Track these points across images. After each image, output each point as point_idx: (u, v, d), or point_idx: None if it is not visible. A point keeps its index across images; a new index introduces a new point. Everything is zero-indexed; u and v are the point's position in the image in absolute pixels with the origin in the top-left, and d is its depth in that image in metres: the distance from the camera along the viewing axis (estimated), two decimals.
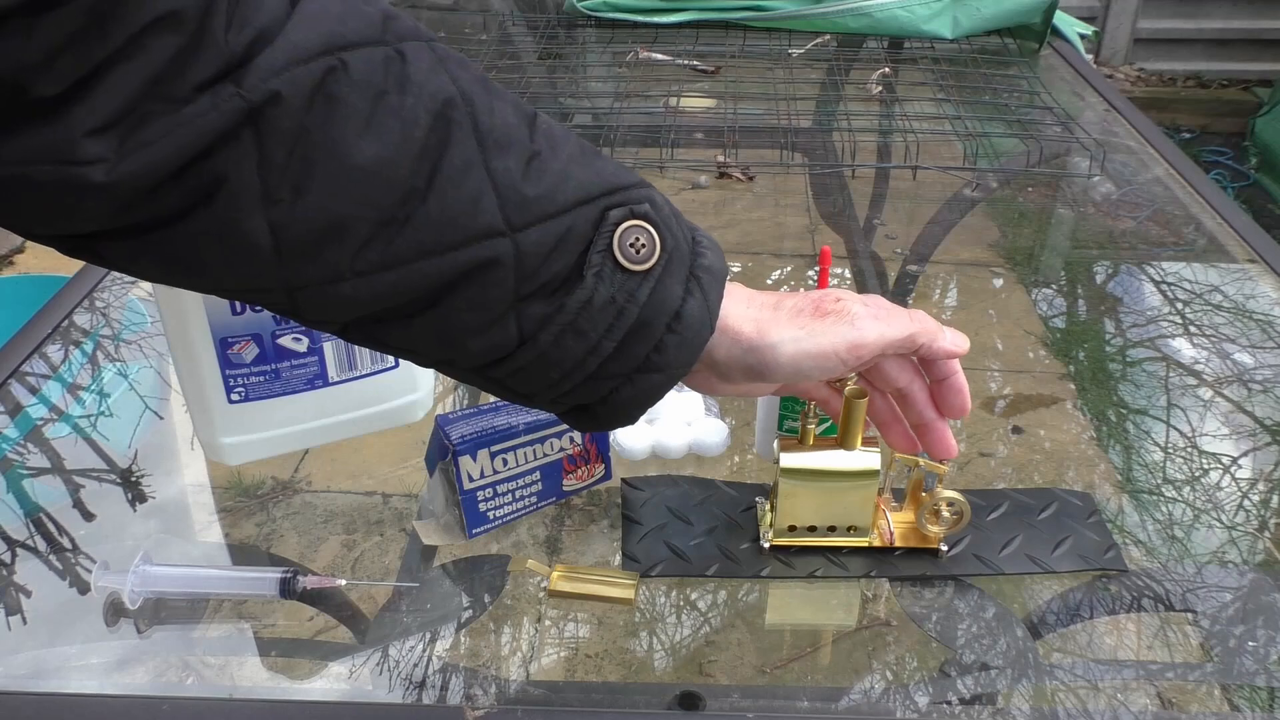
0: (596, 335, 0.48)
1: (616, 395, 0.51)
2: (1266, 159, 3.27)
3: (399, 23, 0.46)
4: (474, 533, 0.69)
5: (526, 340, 0.48)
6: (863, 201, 1.21)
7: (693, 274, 0.51)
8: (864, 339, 0.55)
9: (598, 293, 0.48)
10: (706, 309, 0.51)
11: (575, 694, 0.59)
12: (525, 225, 0.46)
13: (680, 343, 0.50)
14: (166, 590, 0.64)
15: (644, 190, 0.50)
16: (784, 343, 0.54)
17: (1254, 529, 0.72)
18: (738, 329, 0.53)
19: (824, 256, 0.68)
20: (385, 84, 0.44)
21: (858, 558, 0.67)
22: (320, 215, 0.43)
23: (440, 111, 0.45)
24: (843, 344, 0.54)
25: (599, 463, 0.72)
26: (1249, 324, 0.95)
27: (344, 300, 0.46)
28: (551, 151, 0.48)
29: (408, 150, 0.44)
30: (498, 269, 0.46)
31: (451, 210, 0.45)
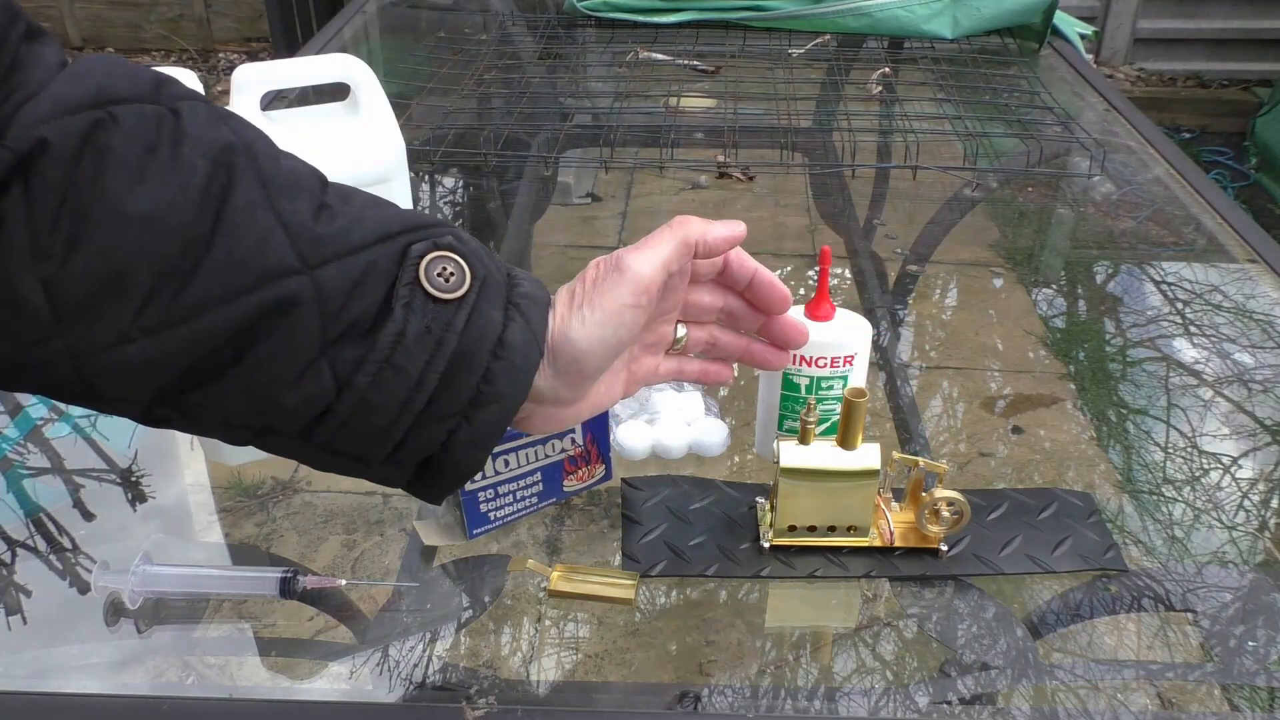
0: (417, 369, 0.46)
1: (455, 438, 0.49)
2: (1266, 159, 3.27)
3: (173, 86, 0.45)
4: (475, 533, 0.69)
5: (344, 387, 0.46)
6: (863, 201, 1.21)
7: (511, 301, 0.50)
8: (640, 275, 0.53)
9: (410, 324, 0.46)
10: (531, 333, 0.50)
11: (575, 694, 0.59)
12: (322, 262, 0.45)
13: (508, 369, 0.49)
14: (167, 590, 0.64)
15: (446, 227, 0.49)
16: (573, 328, 0.52)
17: (1254, 529, 0.72)
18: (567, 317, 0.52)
19: (824, 256, 0.68)
20: (158, 137, 0.42)
21: (858, 558, 0.67)
22: (97, 269, 0.41)
23: (219, 158, 0.44)
24: (626, 294, 0.53)
25: (599, 463, 0.72)
26: (1249, 324, 0.95)
27: (137, 366, 0.43)
28: (343, 202, 0.47)
29: (187, 198, 0.42)
30: (298, 310, 0.44)
31: (239, 253, 0.43)
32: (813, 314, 0.69)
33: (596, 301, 0.52)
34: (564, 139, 1.24)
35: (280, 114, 0.70)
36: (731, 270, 0.58)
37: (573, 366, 0.52)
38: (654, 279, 0.53)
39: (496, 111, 1.31)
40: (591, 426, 0.70)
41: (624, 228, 1.14)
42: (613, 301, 0.52)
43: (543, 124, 1.27)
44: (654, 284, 0.53)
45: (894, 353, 0.92)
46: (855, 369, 0.71)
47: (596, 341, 0.52)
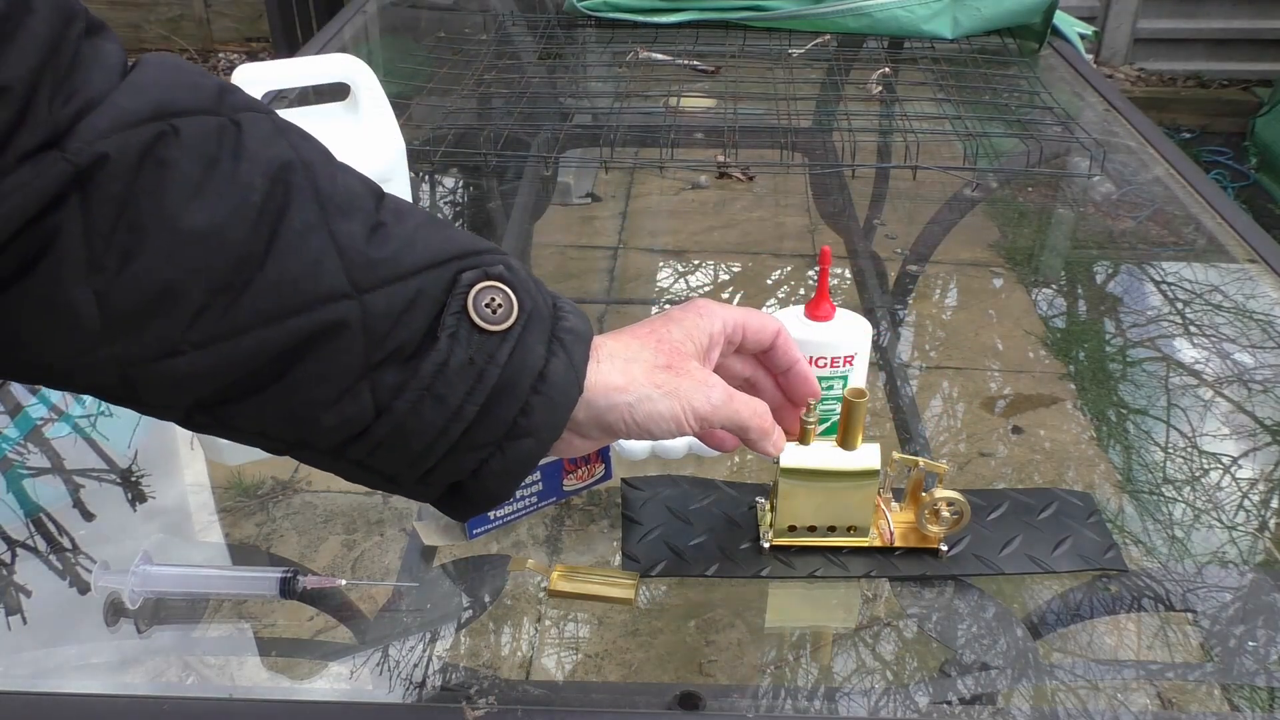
0: (457, 400, 0.46)
1: (487, 467, 0.49)
2: (1266, 159, 3.27)
3: (235, 95, 0.45)
4: (475, 533, 0.69)
5: (383, 411, 0.46)
6: (863, 201, 1.21)
7: (555, 336, 0.49)
8: (709, 414, 0.55)
9: (454, 355, 0.46)
10: (572, 369, 0.50)
11: (575, 694, 0.59)
12: (372, 287, 0.45)
13: (547, 404, 0.49)
14: (167, 590, 0.64)
15: (498, 255, 0.49)
16: (639, 402, 0.52)
17: (1254, 529, 0.72)
18: (600, 385, 0.52)
19: (824, 256, 0.68)
20: (219, 151, 0.43)
21: (858, 558, 0.67)
22: (149, 283, 0.41)
23: (278, 175, 0.44)
24: (690, 413, 0.54)
25: (599, 463, 0.72)
26: (1249, 324, 0.95)
27: (182, 377, 0.43)
28: (398, 220, 0.47)
29: (244, 215, 0.42)
30: (344, 334, 0.44)
31: (292, 274, 0.43)
32: (813, 314, 0.69)
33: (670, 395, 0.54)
34: (564, 139, 1.24)
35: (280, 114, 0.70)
36: (775, 355, 0.61)
37: (614, 426, 0.53)
38: (711, 424, 0.56)
39: (496, 111, 1.31)
40: None
41: (624, 228, 1.14)
42: (679, 409, 0.54)
43: (543, 124, 1.27)
44: (709, 426, 0.56)
45: (894, 353, 0.92)
46: (855, 369, 0.71)
47: (643, 429, 0.54)
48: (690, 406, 0.54)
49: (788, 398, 0.63)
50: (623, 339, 0.55)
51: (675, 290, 1.02)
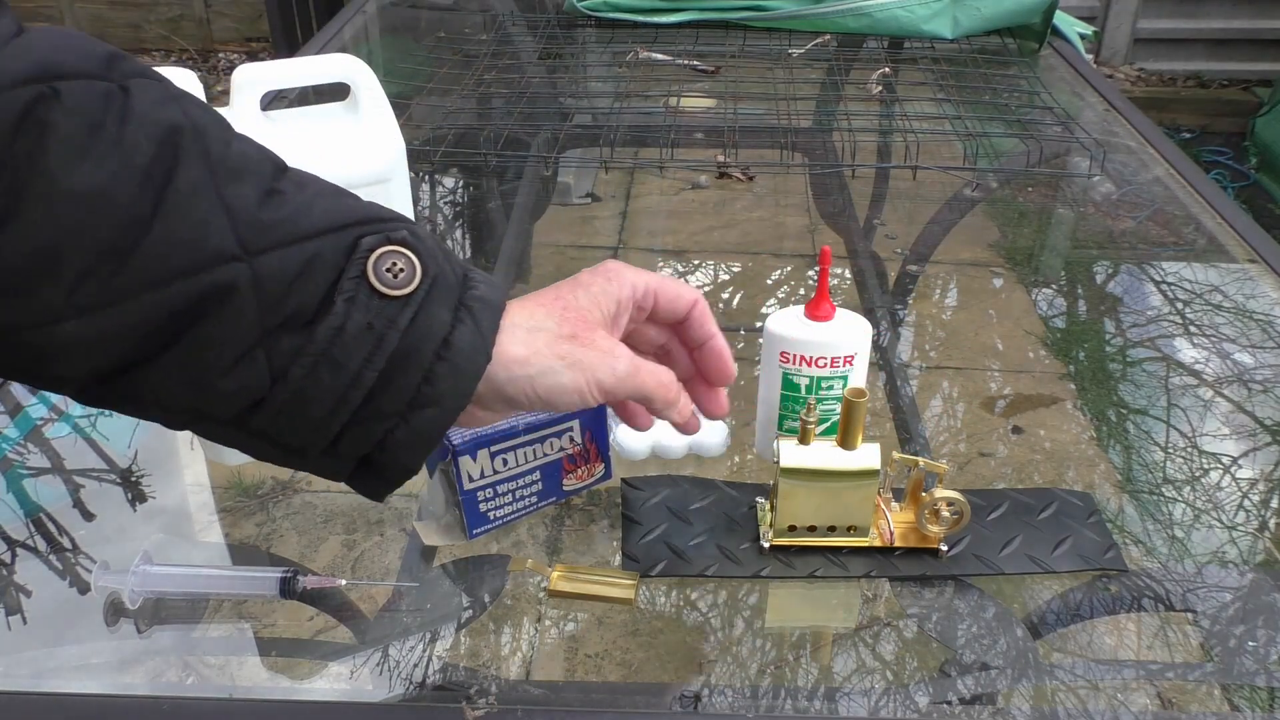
0: (355, 365, 0.45)
1: (393, 438, 0.47)
2: (1266, 159, 3.27)
3: (127, 63, 0.44)
4: (475, 533, 0.69)
5: (279, 377, 0.45)
6: (863, 201, 1.21)
7: (463, 303, 0.48)
8: (614, 386, 0.53)
9: (351, 319, 0.45)
10: (480, 336, 0.49)
11: (575, 694, 0.59)
12: (263, 250, 0.44)
13: (452, 371, 0.47)
14: (167, 590, 0.64)
15: (404, 222, 0.48)
16: (541, 374, 0.51)
17: (1254, 529, 0.72)
18: (501, 357, 0.51)
19: (824, 256, 0.68)
20: (104, 114, 0.42)
21: (858, 558, 0.67)
22: (29, 244, 0.40)
23: (166, 139, 0.43)
24: (594, 385, 0.53)
25: (599, 462, 0.72)
26: (1249, 324, 0.95)
27: (69, 345, 0.42)
28: (297, 189, 0.46)
29: (128, 178, 0.42)
30: (235, 297, 0.43)
31: (179, 236, 0.42)
32: (813, 314, 0.69)
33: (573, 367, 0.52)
34: (564, 139, 1.24)
35: (280, 114, 0.70)
36: (689, 327, 0.59)
37: (517, 398, 0.52)
38: (617, 395, 0.55)
39: (496, 111, 1.31)
40: (590, 425, 0.70)
41: (624, 228, 1.14)
42: (582, 381, 0.52)
43: (543, 124, 1.27)
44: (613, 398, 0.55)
45: (894, 353, 0.92)
46: (855, 369, 0.71)
47: (545, 401, 0.52)
48: (594, 378, 0.53)
49: (701, 374, 0.61)
50: (528, 306, 0.53)
51: None
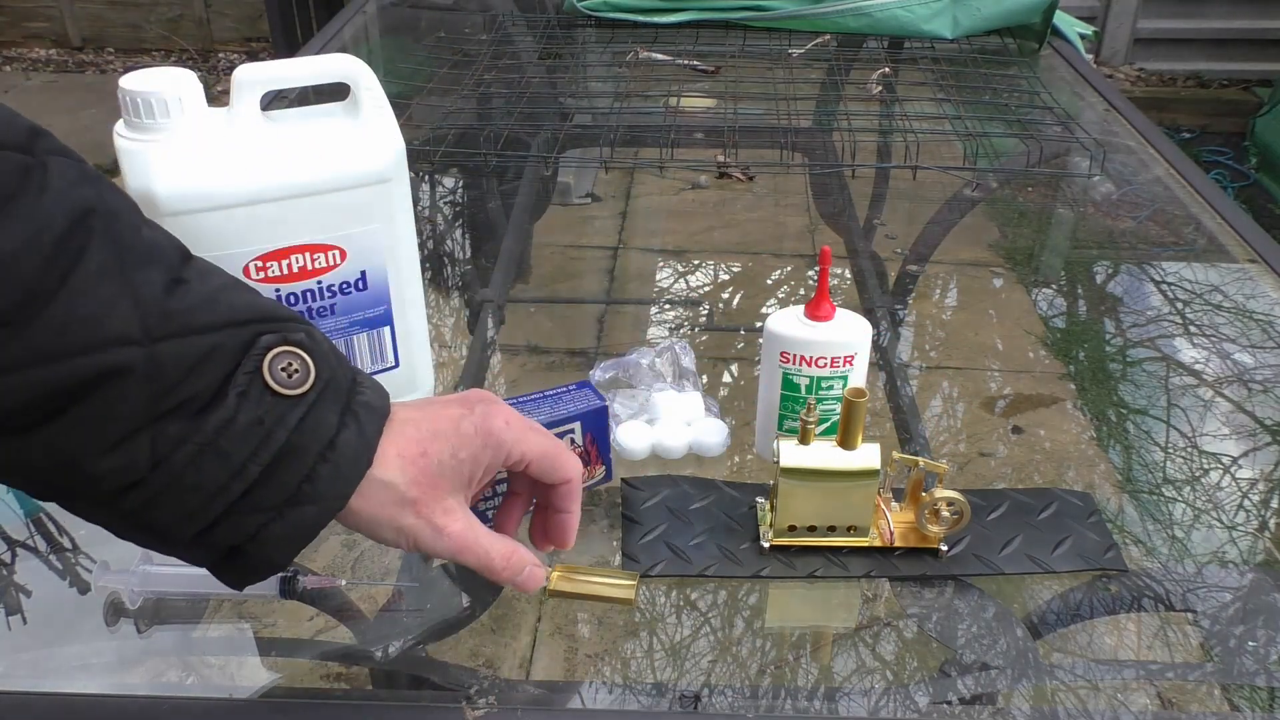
0: (241, 458, 0.46)
1: (267, 531, 0.47)
2: (1266, 159, 3.27)
3: (48, 140, 0.44)
4: None
5: (160, 461, 0.45)
6: (863, 201, 1.21)
7: (350, 408, 0.49)
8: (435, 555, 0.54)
9: (241, 412, 0.46)
10: (364, 441, 0.49)
11: (575, 694, 0.59)
12: (165, 336, 0.44)
13: (334, 472, 0.48)
14: (167, 590, 0.64)
15: (302, 324, 0.49)
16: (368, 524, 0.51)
17: (1254, 529, 0.72)
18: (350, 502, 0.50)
19: (824, 256, 0.68)
20: (21, 186, 0.42)
21: (858, 558, 0.67)
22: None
23: (80, 218, 0.43)
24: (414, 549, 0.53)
25: (599, 464, 0.72)
26: (1249, 324, 0.95)
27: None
28: (202, 280, 0.46)
29: (37, 249, 0.41)
30: (128, 379, 0.43)
31: (80, 314, 0.42)
32: (813, 314, 0.69)
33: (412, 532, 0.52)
34: (564, 139, 1.24)
35: (280, 114, 0.70)
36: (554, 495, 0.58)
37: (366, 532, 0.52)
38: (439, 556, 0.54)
39: (496, 111, 1.31)
40: (590, 427, 0.70)
41: (624, 228, 1.14)
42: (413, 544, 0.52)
43: (543, 124, 1.27)
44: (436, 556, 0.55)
45: (894, 353, 0.92)
46: (855, 369, 0.71)
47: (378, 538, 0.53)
48: (415, 545, 0.53)
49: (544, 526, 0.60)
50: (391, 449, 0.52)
51: (675, 290, 1.02)
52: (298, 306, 0.70)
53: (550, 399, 0.70)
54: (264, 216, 0.66)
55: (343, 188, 0.68)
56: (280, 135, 0.67)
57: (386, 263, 0.72)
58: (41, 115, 2.52)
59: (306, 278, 0.69)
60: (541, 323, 0.96)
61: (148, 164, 0.63)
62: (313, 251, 0.69)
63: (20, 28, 4.11)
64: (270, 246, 0.67)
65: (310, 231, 0.68)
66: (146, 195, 0.63)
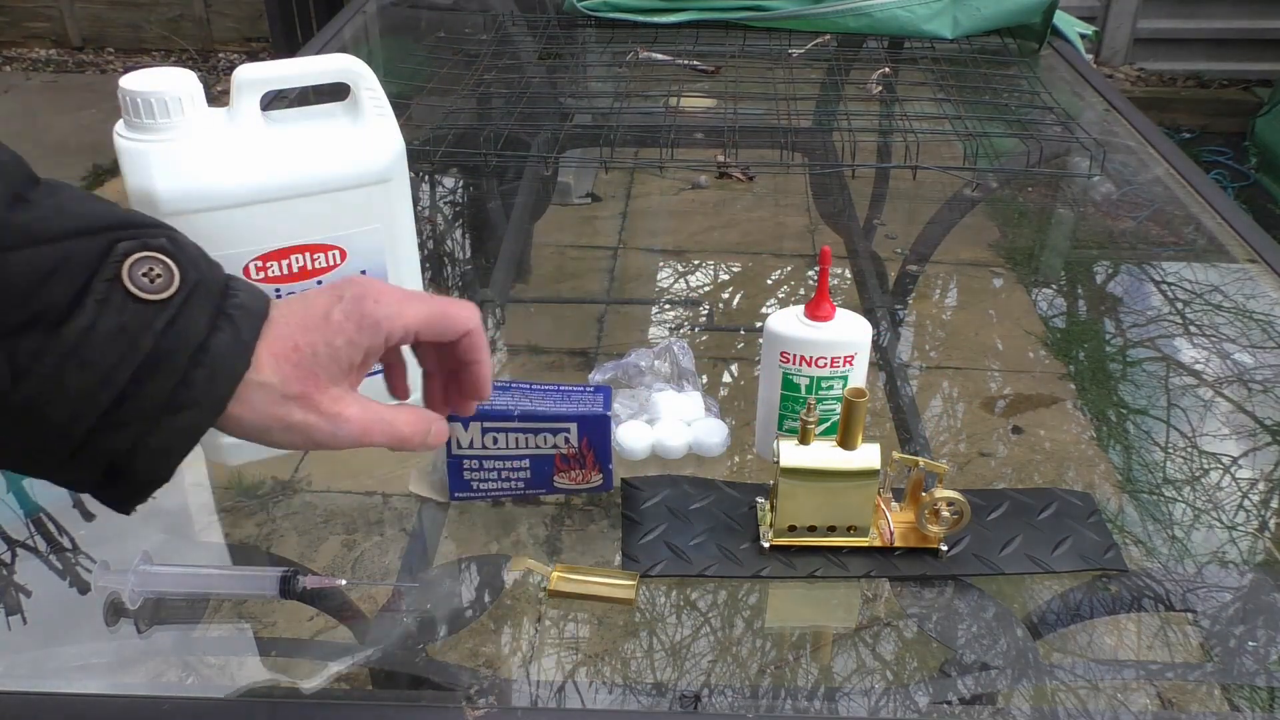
0: (105, 366, 0.44)
1: (145, 443, 0.46)
2: (1266, 159, 3.27)
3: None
4: (455, 496, 0.71)
5: (20, 375, 0.43)
6: (863, 201, 1.21)
7: (223, 310, 0.48)
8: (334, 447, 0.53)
9: (102, 320, 0.44)
10: (239, 343, 0.48)
11: (575, 694, 0.59)
12: (8, 248, 0.43)
13: (210, 377, 0.47)
14: (167, 590, 0.64)
15: (164, 229, 0.48)
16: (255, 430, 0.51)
17: (1254, 529, 0.72)
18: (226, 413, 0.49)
19: (824, 256, 0.68)
20: None
21: (858, 558, 0.67)
22: None
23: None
24: (311, 445, 0.53)
25: (596, 471, 0.71)
26: (1249, 324, 0.95)
27: None
28: (50, 194, 0.46)
29: None
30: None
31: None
32: (813, 314, 0.69)
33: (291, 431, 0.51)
34: (564, 139, 1.24)
35: (280, 114, 0.70)
36: (456, 349, 0.58)
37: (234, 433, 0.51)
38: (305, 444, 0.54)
39: (496, 111, 1.31)
40: (588, 433, 0.70)
41: (624, 228, 1.14)
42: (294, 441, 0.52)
43: (543, 124, 1.27)
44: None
45: (894, 353, 0.92)
46: (855, 369, 0.71)
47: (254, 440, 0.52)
48: (311, 440, 0.52)
49: (458, 387, 0.60)
50: (265, 356, 0.51)
51: (675, 290, 1.02)
52: None
53: (560, 394, 0.71)
54: (264, 216, 0.66)
55: (343, 188, 0.68)
56: (280, 135, 0.67)
57: (386, 263, 0.72)
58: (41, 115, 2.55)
59: (306, 278, 0.69)
60: (541, 323, 0.96)
61: (148, 164, 0.63)
62: (313, 251, 0.69)
63: (20, 28, 4.11)
64: (270, 246, 0.67)
65: (310, 231, 0.68)
66: (147, 195, 0.63)
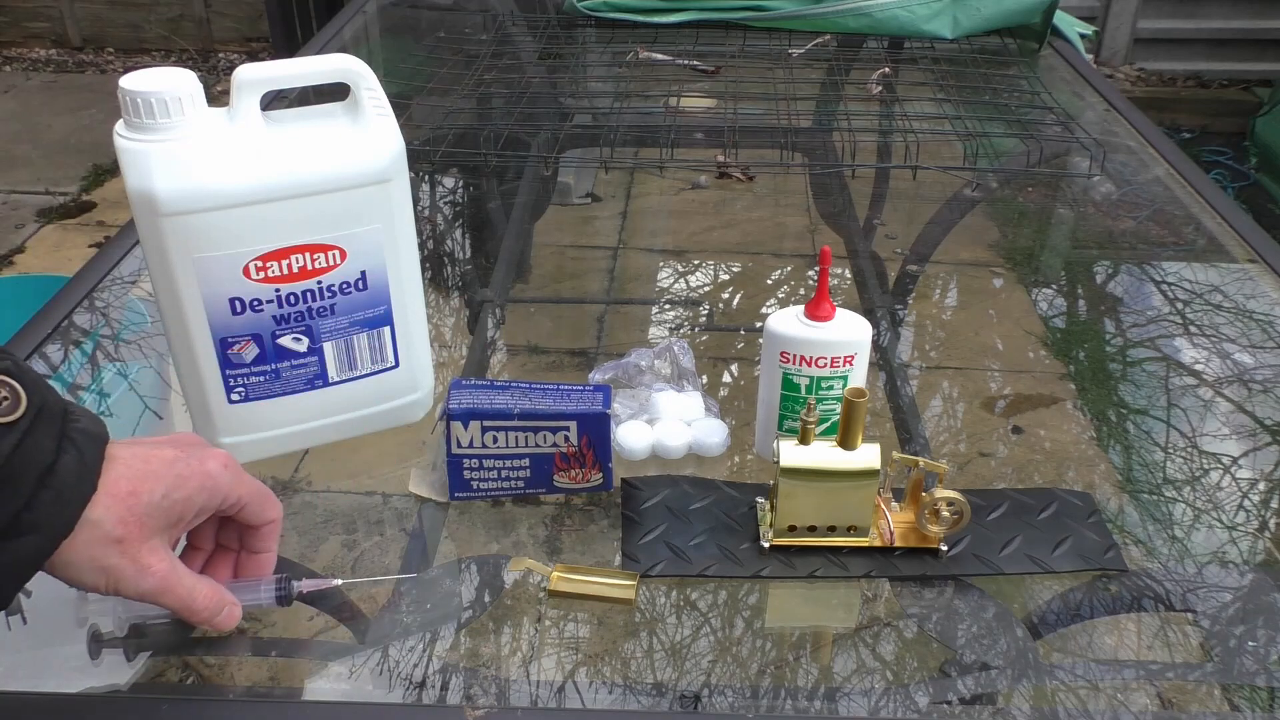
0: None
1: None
2: (1266, 159, 3.27)
3: None
4: (455, 495, 0.70)
5: None
6: (863, 201, 1.21)
7: (66, 434, 0.49)
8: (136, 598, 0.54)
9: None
10: (85, 466, 0.49)
11: (575, 694, 0.59)
12: None
13: (56, 499, 0.48)
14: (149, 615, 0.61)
15: (7, 354, 0.49)
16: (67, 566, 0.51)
17: (1254, 529, 0.72)
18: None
19: (824, 256, 0.68)
20: None
21: (858, 558, 0.67)
22: None
23: None
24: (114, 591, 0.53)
25: (596, 470, 0.71)
26: (1249, 324, 0.95)
27: None
28: None
29: None
30: None
31: None
32: (813, 314, 0.69)
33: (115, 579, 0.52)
34: (564, 139, 1.24)
35: (280, 114, 0.70)
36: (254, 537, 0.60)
37: None
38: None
39: (496, 111, 1.31)
40: (588, 432, 0.70)
41: (624, 228, 1.14)
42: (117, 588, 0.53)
43: (543, 124, 1.27)
44: None
45: (894, 353, 0.92)
46: (855, 369, 0.71)
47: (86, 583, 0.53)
48: (116, 587, 0.53)
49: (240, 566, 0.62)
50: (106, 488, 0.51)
51: (675, 290, 1.02)
52: (298, 306, 0.70)
53: (559, 393, 0.71)
54: (264, 216, 0.66)
55: (343, 188, 0.68)
56: (280, 135, 0.67)
57: (386, 263, 0.72)
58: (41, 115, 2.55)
59: (306, 278, 0.69)
60: (541, 323, 0.96)
61: (148, 164, 0.63)
62: (313, 251, 0.69)
63: (20, 28, 4.11)
64: (270, 246, 0.67)
65: (310, 231, 0.68)
66: (147, 195, 0.63)
